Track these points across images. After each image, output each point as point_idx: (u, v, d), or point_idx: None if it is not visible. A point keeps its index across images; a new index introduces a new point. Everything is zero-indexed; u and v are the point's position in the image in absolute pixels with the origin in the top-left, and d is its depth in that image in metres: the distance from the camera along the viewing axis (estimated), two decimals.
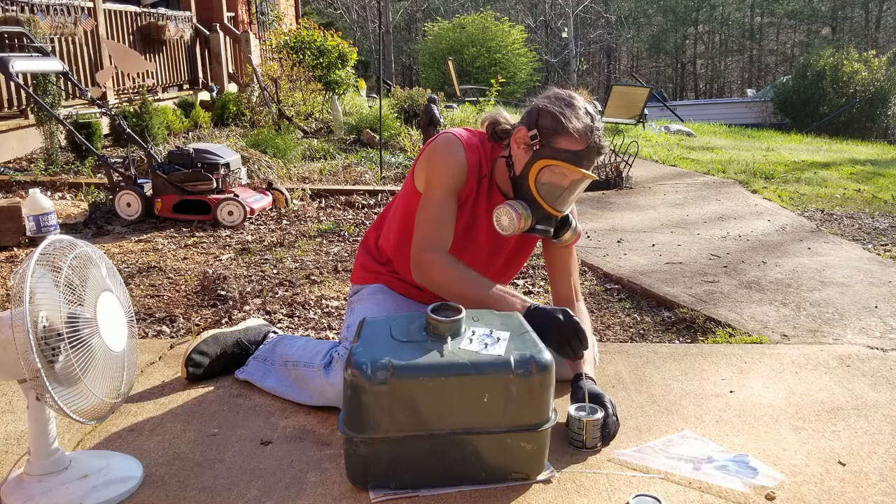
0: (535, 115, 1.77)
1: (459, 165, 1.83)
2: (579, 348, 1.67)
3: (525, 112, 1.84)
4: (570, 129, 1.73)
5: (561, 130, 1.73)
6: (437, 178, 1.83)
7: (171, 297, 3.01)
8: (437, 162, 1.84)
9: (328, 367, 1.83)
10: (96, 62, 6.58)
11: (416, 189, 1.91)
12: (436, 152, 1.85)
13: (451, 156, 1.83)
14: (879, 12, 29.55)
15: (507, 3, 32.23)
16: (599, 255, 3.61)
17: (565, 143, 1.73)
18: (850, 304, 2.82)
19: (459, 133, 1.88)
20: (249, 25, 10.60)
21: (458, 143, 1.85)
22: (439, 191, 1.83)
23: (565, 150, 1.73)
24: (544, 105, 1.77)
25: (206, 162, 4.28)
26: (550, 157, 1.74)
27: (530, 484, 1.53)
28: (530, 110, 1.81)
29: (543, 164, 1.75)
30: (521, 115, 1.85)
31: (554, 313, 1.67)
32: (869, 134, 15.72)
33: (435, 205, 1.82)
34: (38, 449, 1.46)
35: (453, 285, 1.78)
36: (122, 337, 1.55)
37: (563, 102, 1.76)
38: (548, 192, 1.78)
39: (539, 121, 1.76)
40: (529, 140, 1.77)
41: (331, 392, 1.80)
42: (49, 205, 3.53)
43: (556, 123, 1.73)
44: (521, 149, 1.80)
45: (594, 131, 1.74)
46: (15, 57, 4.20)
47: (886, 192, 5.62)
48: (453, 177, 1.83)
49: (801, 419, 1.85)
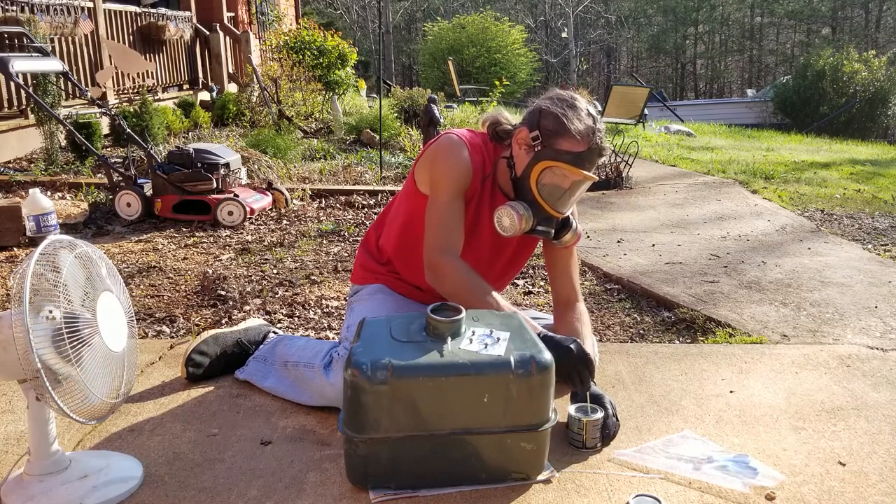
0: (537, 116, 1.77)
1: (464, 166, 1.82)
2: (588, 380, 1.68)
3: (526, 113, 1.84)
4: (571, 131, 1.73)
5: (563, 132, 1.73)
6: (442, 180, 1.82)
7: (171, 297, 3.01)
8: (442, 164, 1.83)
9: (328, 368, 1.83)
10: (96, 62, 6.58)
11: (417, 190, 1.90)
12: (439, 154, 1.84)
13: (455, 157, 1.82)
14: (879, 12, 29.55)
15: (507, 3, 32.23)
16: (599, 255, 3.62)
17: (567, 145, 1.73)
18: (850, 304, 2.82)
19: (462, 133, 1.88)
20: (249, 25, 10.60)
21: (462, 144, 1.84)
22: (446, 193, 1.82)
23: (567, 151, 1.73)
24: (546, 106, 1.77)
25: (206, 162, 4.28)
26: (552, 158, 1.74)
27: (530, 484, 1.53)
28: (532, 111, 1.81)
29: (545, 165, 1.75)
30: (523, 116, 1.85)
31: (565, 343, 1.67)
32: (869, 134, 15.72)
33: (443, 207, 1.82)
34: (38, 449, 1.46)
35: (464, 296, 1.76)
36: (122, 337, 1.55)
37: (565, 104, 1.76)
38: (549, 194, 1.78)
39: (541, 122, 1.76)
40: (531, 141, 1.77)
41: (331, 392, 1.80)
42: (49, 205, 3.53)
43: (558, 125, 1.73)
44: (523, 149, 1.80)
45: (596, 133, 1.74)
46: (15, 57, 4.20)
47: (886, 192, 5.62)
48: (459, 178, 1.82)
49: (801, 419, 1.85)
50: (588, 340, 1.91)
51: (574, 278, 2.01)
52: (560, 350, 1.65)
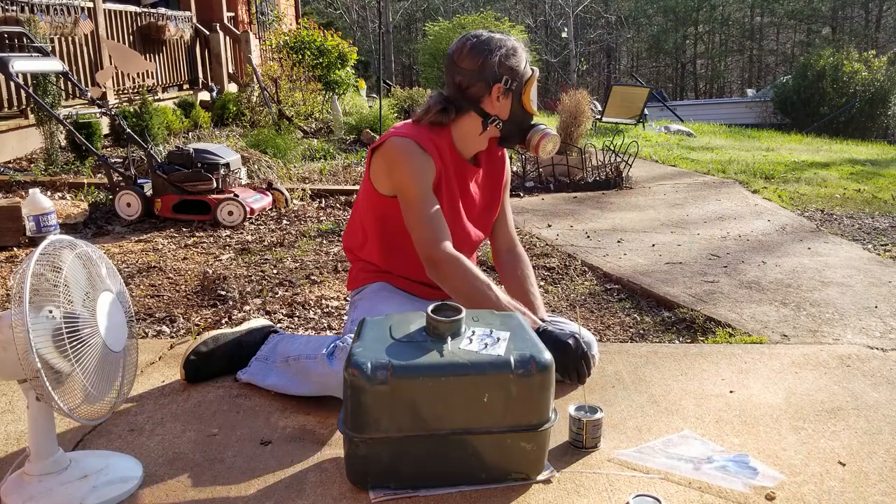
0: (493, 69, 1.89)
1: (423, 161, 1.88)
2: (585, 375, 1.75)
3: (469, 76, 1.90)
4: (521, 57, 1.93)
5: (517, 62, 1.92)
6: (407, 181, 1.88)
7: (171, 297, 3.01)
8: (402, 167, 1.88)
9: (332, 356, 1.82)
10: (96, 62, 6.58)
11: (379, 194, 1.96)
12: (395, 159, 1.89)
13: (411, 156, 1.88)
14: (879, 12, 29.54)
15: (507, 3, 32.22)
16: (599, 255, 3.62)
17: (523, 65, 1.94)
18: (850, 304, 2.82)
19: (405, 132, 1.92)
20: (249, 25, 10.60)
21: (410, 141, 1.89)
22: (416, 191, 1.88)
23: (525, 69, 1.94)
24: (486, 58, 1.89)
25: (206, 162, 4.28)
26: (527, 82, 1.94)
27: (530, 484, 1.53)
28: (473, 72, 1.89)
29: (526, 89, 1.94)
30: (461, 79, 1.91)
31: (563, 338, 1.74)
32: (869, 134, 15.72)
33: (420, 204, 1.87)
34: (38, 449, 1.46)
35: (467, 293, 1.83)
36: (122, 337, 1.55)
37: (492, 44, 1.90)
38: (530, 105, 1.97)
39: (498, 70, 1.90)
40: (504, 88, 1.91)
41: (333, 381, 1.78)
42: (49, 205, 3.53)
43: (512, 61, 1.91)
44: (500, 100, 1.92)
45: (519, 41, 1.95)
46: (15, 57, 4.20)
47: (886, 192, 5.62)
48: (422, 174, 1.88)
49: (801, 419, 1.85)
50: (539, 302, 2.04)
51: (511, 223, 2.22)
52: (558, 345, 1.70)
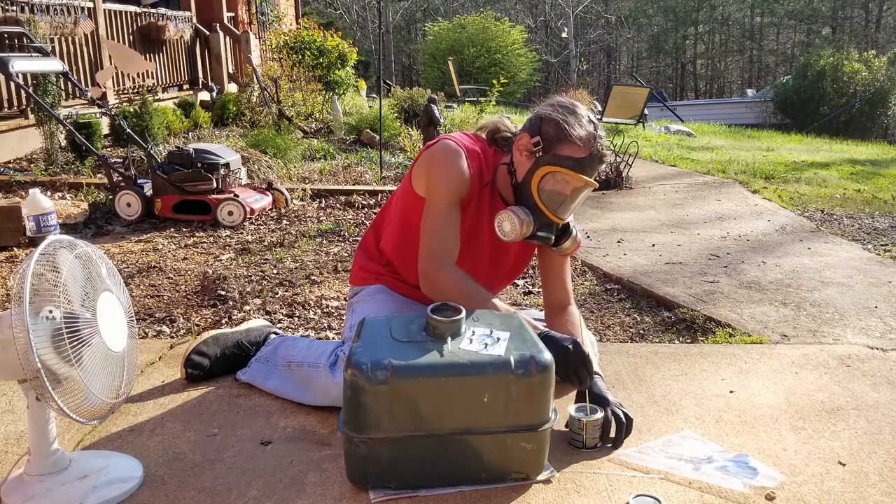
0: (538, 123, 1.78)
1: (461, 175, 1.81)
2: (585, 379, 1.68)
3: (527, 119, 1.84)
4: (573, 137, 1.73)
5: (564, 138, 1.74)
6: (439, 187, 1.81)
7: (171, 297, 3.01)
8: (439, 171, 1.82)
9: (334, 367, 1.82)
10: (96, 62, 6.58)
11: (414, 192, 1.90)
12: (436, 160, 1.83)
13: (452, 165, 1.81)
14: (879, 12, 29.52)
15: (507, 3, 32.21)
16: (599, 255, 3.61)
17: (568, 151, 1.74)
18: (850, 304, 2.82)
19: (460, 140, 1.87)
20: (249, 25, 10.60)
21: (459, 152, 1.83)
22: (443, 200, 1.81)
23: (568, 157, 1.74)
24: (547, 113, 1.78)
25: (206, 162, 4.28)
26: (553, 164, 1.75)
27: (530, 484, 1.53)
28: (533, 118, 1.81)
29: (546, 170, 1.75)
30: (524, 123, 1.85)
31: (563, 343, 1.67)
32: (869, 134, 15.72)
33: (439, 215, 1.81)
34: (38, 449, 1.46)
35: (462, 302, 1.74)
36: (122, 337, 1.55)
37: (566, 110, 1.77)
38: (550, 199, 1.78)
39: (542, 128, 1.77)
40: (532, 147, 1.77)
41: (336, 391, 1.79)
42: (49, 205, 3.52)
43: (559, 131, 1.74)
44: (524, 156, 1.80)
45: (597, 139, 1.76)
46: (15, 57, 4.20)
47: (886, 192, 5.62)
48: (455, 186, 1.81)
49: (801, 419, 1.85)
50: (586, 339, 1.91)
51: (567, 282, 2.01)
52: (559, 349, 1.66)
